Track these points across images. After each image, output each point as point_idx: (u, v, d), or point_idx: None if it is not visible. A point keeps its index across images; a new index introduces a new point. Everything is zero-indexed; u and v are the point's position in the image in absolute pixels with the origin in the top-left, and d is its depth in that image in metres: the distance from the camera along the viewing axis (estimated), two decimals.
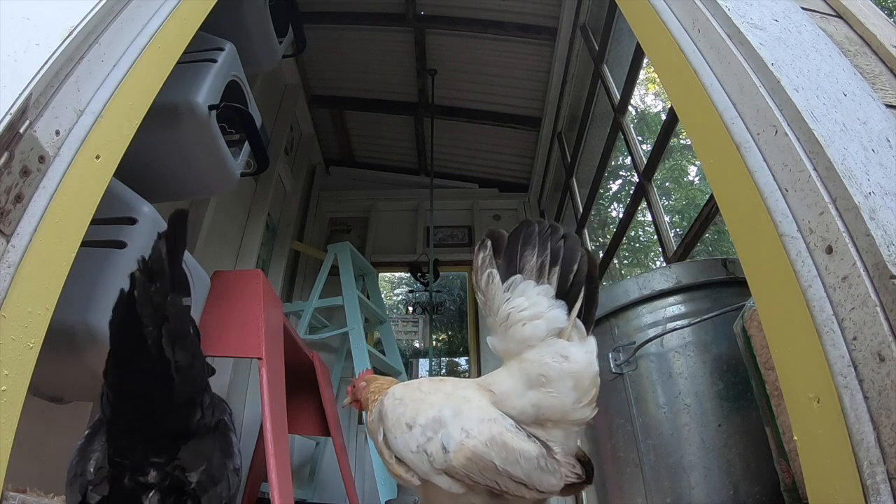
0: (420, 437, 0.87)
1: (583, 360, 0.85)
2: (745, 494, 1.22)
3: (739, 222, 0.93)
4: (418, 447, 0.86)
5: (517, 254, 0.90)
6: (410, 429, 0.88)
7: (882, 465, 0.62)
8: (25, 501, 1.00)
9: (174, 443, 0.78)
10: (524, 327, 0.86)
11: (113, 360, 0.73)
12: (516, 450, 0.81)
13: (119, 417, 0.76)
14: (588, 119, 3.54)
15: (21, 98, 0.79)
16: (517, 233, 0.93)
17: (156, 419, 0.77)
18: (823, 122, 0.82)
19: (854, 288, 0.70)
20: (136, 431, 0.76)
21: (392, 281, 8.16)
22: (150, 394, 0.75)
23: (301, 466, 3.61)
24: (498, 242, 0.92)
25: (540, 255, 0.89)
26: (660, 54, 1.24)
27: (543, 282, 0.87)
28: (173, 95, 1.61)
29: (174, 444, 0.78)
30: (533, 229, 0.91)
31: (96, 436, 0.79)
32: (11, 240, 0.76)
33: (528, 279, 0.88)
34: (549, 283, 0.87)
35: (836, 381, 0.69)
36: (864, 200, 0.72)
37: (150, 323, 0.72)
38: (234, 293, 1.93)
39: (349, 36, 4.13)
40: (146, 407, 0.76)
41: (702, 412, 1.31)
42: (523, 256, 0.89)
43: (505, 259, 0.91)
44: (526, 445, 0.81)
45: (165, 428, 0.78)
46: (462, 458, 0.82)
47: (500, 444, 0.81)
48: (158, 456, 0.76)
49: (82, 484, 0.74)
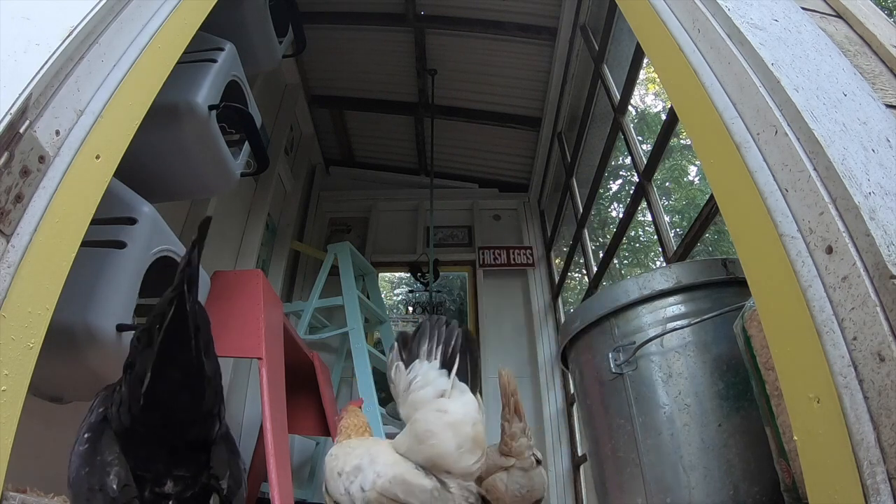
0: (346, 481, 1.08)
1: (460, 411, 1.04)
2: (745, 494, 1.22)
3: (739, 222, 0.93)
4: (345, 489, 1.07)
5: (416, 346, 1.13)
6: (340, 476, 1.11)
7: (882, 465, 0.62)
8: (25, 501, 1.00)
9: (194, 453, 0.78)
10: (417, 393, 1.07)
11: (154, 368, 0.71)
12: (414, 484, 0.99)
13: (141, 427, 0.74)
14: (588, 119, 3.54)
15: (21, 98, 0.79)
16: (416, 331, 1.17)
17: (182, 429, 0.76)
18: (823, 122, 0.82)
19: (854, 288, 0.70)
20: (160, 441, 0.75)
21: (392, 281, 8.16)
22: (180, 403, 0.74)
23: (301, 466, 3.61)
24: (404, 341, 1.16)
25: (430, 342, 1.12)
26: (660, 54, 1.24)
27: (432, 359, 1.10)
28: (173, 95, 1.61)
29: (194, 454, 0.78)
30: (426, 326, 1.16)
31: (100, 442, 0.76)
32: (11, 240, 0.76)
33: (422, 360, 1.11)
34: (435, 359, 1.10)
35: (836, 381, 0.69)
36: (864, 200, 0.72)
37: (193, 333, 0.72)
38: (234, 293, 1.93)
39: (349, 36, 4.13)
40: (174, 416, 0.75)
41: (702, 412, 1.31)
42: (420, 346, 1.12)
43: (407, 352, 1.14)
44: (423, 481, 1.00)
45: (190, 437, 0.77)
46: (375, 494, 1.01)
47: (402, 481, 1.00)
48: (178, 467, 0.75)
49: (105, 501, 0.70)
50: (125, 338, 1.32)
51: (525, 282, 4.52)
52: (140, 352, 0.72)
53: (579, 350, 1.67)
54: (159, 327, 0.69)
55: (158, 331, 0.69)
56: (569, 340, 1.70)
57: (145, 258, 1.42)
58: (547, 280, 4.46)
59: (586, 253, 3.68)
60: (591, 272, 3.52)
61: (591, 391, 1.60)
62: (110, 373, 1.36)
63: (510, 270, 4.57)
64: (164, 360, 0.70)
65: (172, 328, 0.70)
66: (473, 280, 4.60)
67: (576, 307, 1.90)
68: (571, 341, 1.70)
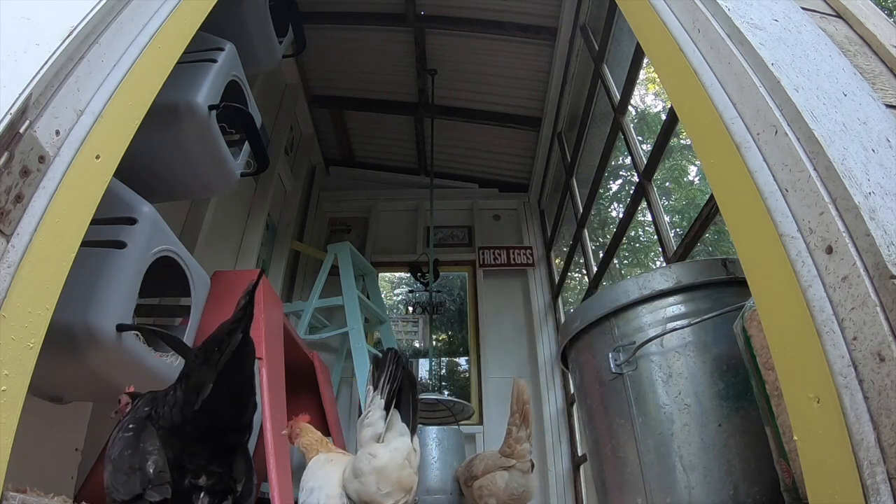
0: (305, 496, 1.34)
1: (387, 457, 1.20)
2: (745, 494, 1.22)
3: (739, 222, 0.93)
4: (303, 502, 1.34)
5: (377, 375, 1.29)
6: (303, 490, 1.37)
7: (882, 465, 0.62)
8: (25, 501, 1.00)
9: (226, 455, 0.93)
10: (362, 432, 1.27)
11: (213, 383, 0.85)
12: None
13: (190, 427, 0.88)
14: (588, 119, 3.54)
15: (21, 98, 0.79)
16: (378, 361, 1.34)
17: (224, 433, 0.92)
18: (823, 122, 0.82)
19: (854, 288, 0.70)
20: (203, 441, 0.90)
21: (392, 281, 8.16)
22: (226, 414, 0.90)
23: (301, 466, 3.60)
24: (375, 365, 1.32)
25: (383, 376, 1.27)
26: (660, 54, 1.24)
27: (382, 395, 1.25)
28: (173, 95, 1.61)
29: (226, 457, 0.93)
30: (384, 359, 1.31)
31: (143, 433, 0.88)
32: (11, 240, 0.76)
33: (376, 393, 1.27)
34: (383, 397, 1.25)
35: (836, 381, 0.69)
36: (864, 200, 0.72)
37: (248, 362, 0.91)
38: (234, 293, 1.92)
39: (349, 36, 4.13)
40: (219, 423, 0.90)
41: (702, 412, 1.31)
42: (379, 378, 1.27)
43: (374, 379, 1.30)
44: None
45: (228, 441, 0.93)
46: None
47: None
48: (213, 464, 0.90)
49: (143, 479, 0.82)
50: (125, 338, 1.32)
51: (525, 282, 4.52)
52: (197, 367, 0.88)
53: (579, 350, 1.67)
54: (218, 349, 0.85)
55: (218, 353, 0.85)
56: (569, 340, 1.70)
57: (145, 258, 1.42)
58: (547, 280, 4.46)
59: (586, 253, 3.68)
60: (591, 272, 3.52)
61: (591, 391, 1.60)
62: (110, 373, 1.36)
63: (510, 270, 4.57)
64: (222, 379, 0.86)
65: (233, 354, 0.85)
66: (473, 280, 4.60)
67: (576, 307, 1.90)
68: (571, 341, 1.70)
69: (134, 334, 1.36)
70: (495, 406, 3.95)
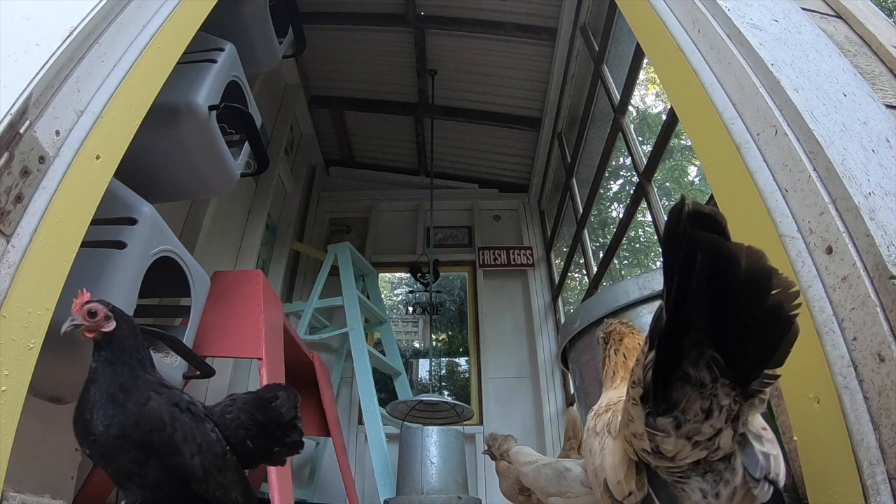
0: None
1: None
2: None
3: (739, 222, 0.93)
4: None
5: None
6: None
7: (882, 465, 0.62)
8: (25, 501, 1.00)
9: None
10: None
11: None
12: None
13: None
14: (588, 119, 3.54)
15: (21, 98, 0.79)
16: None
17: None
18: (823, 123, 0.82)
19: (854, 288, 0.70)
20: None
21: (392, 281, 8.16)
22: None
23: (301, 466, 3.61)
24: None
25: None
26: (660, 54, 1.24)
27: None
28: (173, 96, 1.61)
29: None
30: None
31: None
32: (11, 240, 0.76)
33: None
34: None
35: (836, 381, 0.69)
36: (864, 201, 0.72)
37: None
38: (234, 293, 1.93)
39: (349, 36, 4.13)
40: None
41: None
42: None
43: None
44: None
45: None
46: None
47: None
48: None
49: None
50: None
51: (525, 282, 4.52)
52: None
53: (579, 350, 1.67)
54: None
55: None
56: (569, 341, 1.70)
57: (145, 258, 1.42)
58: (547, 280, 4.46)
59: (586, 253, 3.68)
60: (591, 272, 3.52)
61: (592, 392, 1.59)
62: None
63: (510, 271, 4.57)
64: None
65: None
66: (473, 280, 4.60)
67: (576, 307, 1.90)
68: (571, 341, 1.69)
69: None
70: (495, 406, 3.95)
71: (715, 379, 0.55)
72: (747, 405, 0.57)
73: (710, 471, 0.61)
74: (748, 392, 0.57)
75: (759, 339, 0.53)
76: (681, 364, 0.56)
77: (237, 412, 1.05)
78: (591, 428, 0.84)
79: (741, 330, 0.53)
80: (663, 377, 0.58)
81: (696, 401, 0.57)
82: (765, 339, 0.53)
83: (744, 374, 0.55)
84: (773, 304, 0.51)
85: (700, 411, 0.57)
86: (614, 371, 0.95)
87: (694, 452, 0.60)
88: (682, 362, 0.56)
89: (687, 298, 0.53)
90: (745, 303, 0.52)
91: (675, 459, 0.61)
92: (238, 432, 1.03)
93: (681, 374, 0.56)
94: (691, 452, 0.60)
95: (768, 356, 0.54)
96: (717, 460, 0.61)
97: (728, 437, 0.59)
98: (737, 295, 0.52)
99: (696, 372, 0.56)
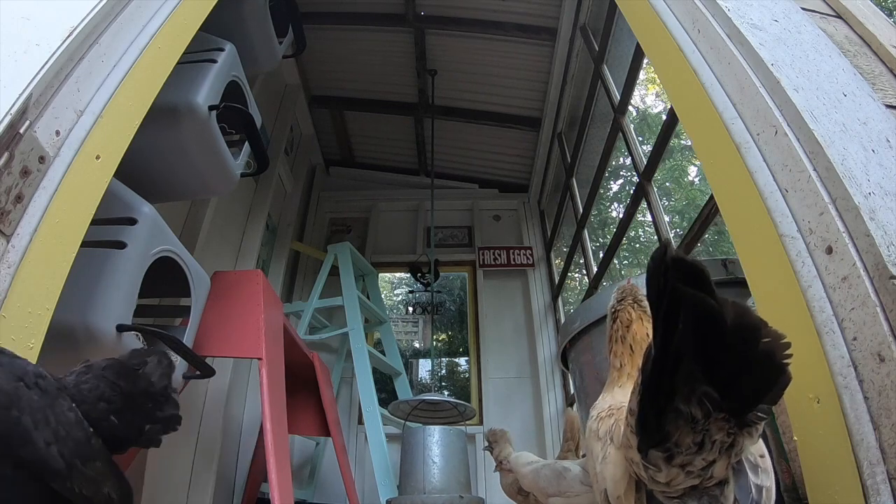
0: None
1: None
2: None
3: (739, 222, 0.93)
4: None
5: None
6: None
7: (882, 465, 0.62)
8: None
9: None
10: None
11: None
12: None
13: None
14: (588, 119, 3.54)
15: (21, 98, 0.79)
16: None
17: None
18: (823, 123, 0.82)
19: (854, 288, 0.70)
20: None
21: (392, 281, 8.16)
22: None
23: (301, 466, 3.61)
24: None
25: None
26: (660, 54, 1.24)
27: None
28: (173, 96, 1.61)
29: None
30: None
31: None
32: (11, 240, 0.76)
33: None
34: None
35: (836, 381, 0.69)
36: (864, 201, 0.73)
37: None
38: (234, 293, 1.93)
39: (349, 36, 4.13)
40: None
41: None
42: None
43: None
44: None
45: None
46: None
47: None
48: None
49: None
50: (125, 338, 1.32)
51: (525, 282, 4.52)
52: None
53: (579, 350, 1.67)
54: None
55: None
56: (569, 341, 1.70)
57: (145, 258, 1.42)
58: (547, 280, 4.46)
59: (586, 253, 3.68)
60: (591, 272, 3.52)
61: (592, 392, 1.59)
62: None
63: (510, 271, 4.57)
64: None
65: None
66: (473, 280, 4.60)
67: (576, 307, 1.90)
68: (571, 341, 1.69)
69: (134, 335, 1.36)
70: (495, 406, 3.95)
71: (707, 414, 0.55)
72: (743, 434, 0.57)
73: (706, 495, 0.62)
74: (745, 422, 0.56)
75: (751, 380, 0.53)
76: (673, 399, 0.56)
77: (95, 381, 0.82)
78: (594, 430, 0.83)
79: (734, 369, 0.52)
80: (655, 412, 0.58)
81: (689, 435, 0.57)
82: (758, 380, 0.53)
83: (738, 408, 0.55)
84: (765, 350, 0.51)
85: (693, 444, 0.57)
86: (621, 363, 0.92)
87: (688, 480, 0.60)
88: (674, 398, 0.56)
89: (675, 343, 0.53)
90: (736, 349, 0.51)
91: (671, 485, 0.62)
92: (98, 405, 0.79)
93: (673, 408, 0.56)
94: (685, 480, 0.60)
95: (762, 394, 0.54)
96: (712, 486, 0.61)
97: (722, 467, 0.59)
98: (726, 344, 0.52)
99: (687, 408, 0.55)
